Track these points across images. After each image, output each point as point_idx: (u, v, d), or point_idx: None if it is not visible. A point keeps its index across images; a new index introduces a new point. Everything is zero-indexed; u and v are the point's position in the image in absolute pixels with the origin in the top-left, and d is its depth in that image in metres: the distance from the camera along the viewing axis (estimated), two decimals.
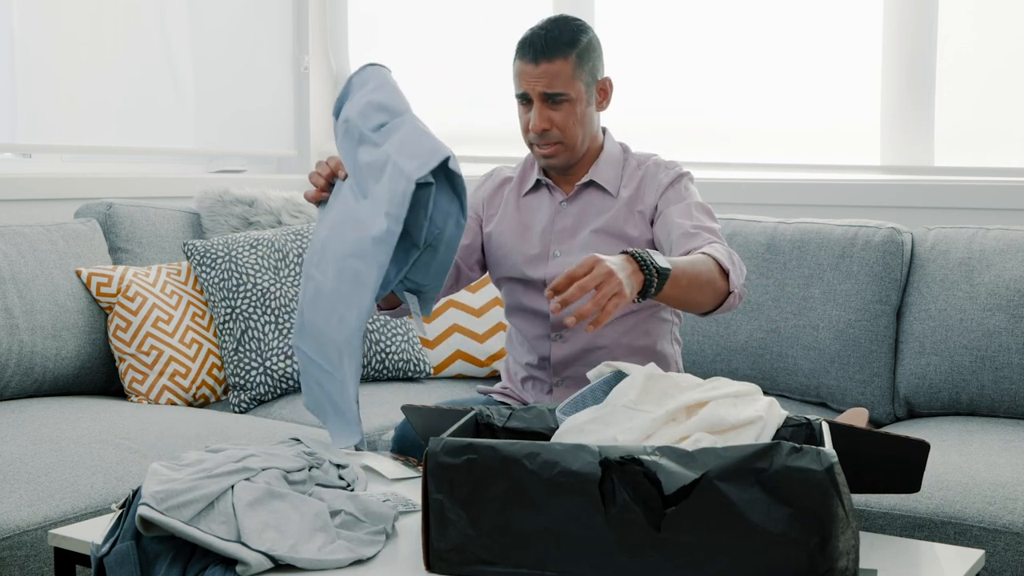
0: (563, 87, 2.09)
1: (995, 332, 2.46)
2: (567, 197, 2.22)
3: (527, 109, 2.13)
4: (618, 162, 2.22)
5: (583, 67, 2.11)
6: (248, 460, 1.54)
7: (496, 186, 2.31)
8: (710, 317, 2.67)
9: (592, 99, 2.15)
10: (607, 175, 2.20)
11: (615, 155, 2.23)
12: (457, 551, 1.40)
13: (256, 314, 2.73)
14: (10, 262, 2.61)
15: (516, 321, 2.28)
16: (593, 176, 2.19)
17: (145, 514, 1.39)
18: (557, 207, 2.22)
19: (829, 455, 1.28)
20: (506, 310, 2.31)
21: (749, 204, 3.15)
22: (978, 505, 1.91)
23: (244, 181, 3.61)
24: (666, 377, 1.56)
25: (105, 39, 3.37)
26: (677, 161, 2.22)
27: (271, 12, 3.92)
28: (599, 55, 2.17)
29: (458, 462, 1.38)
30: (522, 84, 2.12)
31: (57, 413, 2.39)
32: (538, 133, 2.12)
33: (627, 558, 1.33)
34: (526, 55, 2.10)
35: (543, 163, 2.19)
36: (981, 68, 2.94)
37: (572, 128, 2.12)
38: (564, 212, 2.21)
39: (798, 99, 3.19)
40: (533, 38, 2.10)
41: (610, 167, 2.20)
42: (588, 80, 2.13)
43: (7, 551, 1.81)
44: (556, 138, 2.13)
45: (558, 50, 2.08)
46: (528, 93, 2.11)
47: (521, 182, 2.28)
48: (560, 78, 2.09)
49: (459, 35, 3.74)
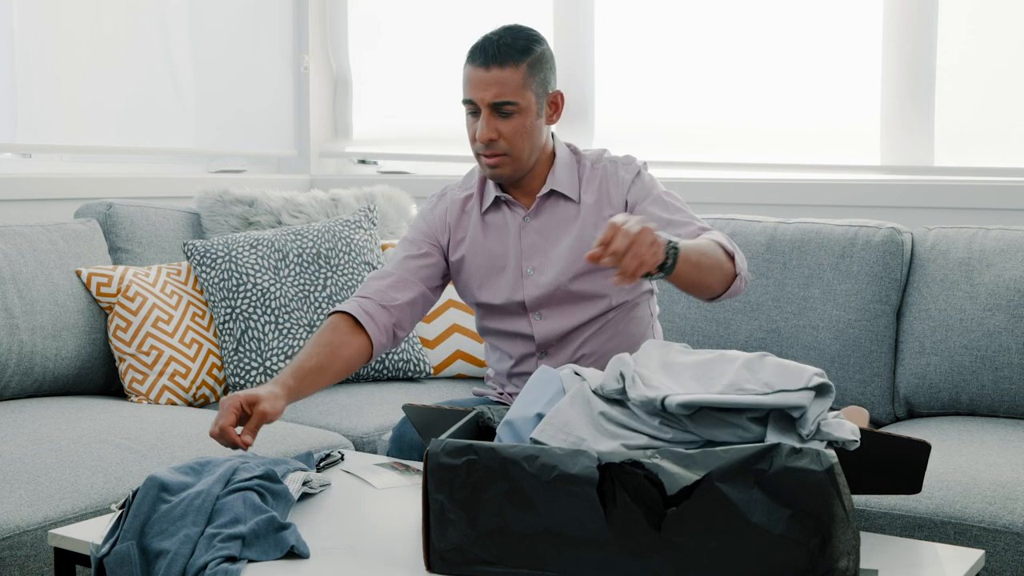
0: (512, 95, 2.05)
1: (995, 332, 2.46)
2: (529, 211, 2.17)
3: (475, 118, 2.09)
4: (572, 166, 2.18)
5: (534, 77, 2.07)
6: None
7: (459, 208, 2.23)
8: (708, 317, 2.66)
9: (542, 111, 2.11)
10: (565, 182, 2.16)
11: (568, 160, 2.18)
12: (457, 551, 1.40)
13: (256, 314, 2.73)
14: (10, 262, 2.61)
15: (496, 341, 2.25)
16: (552, 185, 2.15)
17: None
18: (521, 223, 2.18)
19: (829, 456, 1.28)
20: (481, 329, 2.27)
21: (749, 204, 3.15)
22: (978, 505, 1.91)
23: (244, 181, 3.61)
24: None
25: (105, 39, 3.38)
26: (631, 155, 2.19)
27: (271, 12, 3.92)
28: (551, 68, 2.12)
29: (458, 463, 1.38)
30: (470, 91, 2.08)
31: (57, 413, 2.39)
32: (484, 143, 2.08)
33: (628, 559, 1.33)
34: (476, 60, 2.06)
35: (488, 173, 2.14)
36: (981, 68, 2.94)
37: (519, 140, 2.08)
38: (529, 228, 2.17)
39: (798, 99, 3.19)
40: (485, 44, 2.07)
41: (566, 173, 2.17)
42: (539, 91, 2.09)
43: (7, 551, 1.81)
44: (502, 149, 2.08)
45: (510, 57, 2.04)
46: (476, 102, 2.07)
47: (480, 198, 2.22)
48: (509, 86, 2.05)
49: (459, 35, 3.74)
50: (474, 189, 2.23)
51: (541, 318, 2.17)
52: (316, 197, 3.17)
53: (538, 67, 2.08)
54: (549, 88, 2.12)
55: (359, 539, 1.57)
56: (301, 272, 2.82)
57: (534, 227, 2.17)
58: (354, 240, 2.93)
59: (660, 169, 3.24)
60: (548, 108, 2.12)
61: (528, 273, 2.16)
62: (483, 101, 2.06)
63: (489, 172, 2.13)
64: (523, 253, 2.17)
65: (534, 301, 2.16)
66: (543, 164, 2.17)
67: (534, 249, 2.17)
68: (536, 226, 2.17)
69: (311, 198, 3.16)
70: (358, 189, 3.23)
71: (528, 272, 2.16)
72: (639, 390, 1.48)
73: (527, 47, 2.07)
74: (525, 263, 2.16)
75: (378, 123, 4.04)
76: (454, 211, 2.23)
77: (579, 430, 1.49)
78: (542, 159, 2.16)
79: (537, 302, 2.16)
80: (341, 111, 4.10)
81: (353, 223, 2.97)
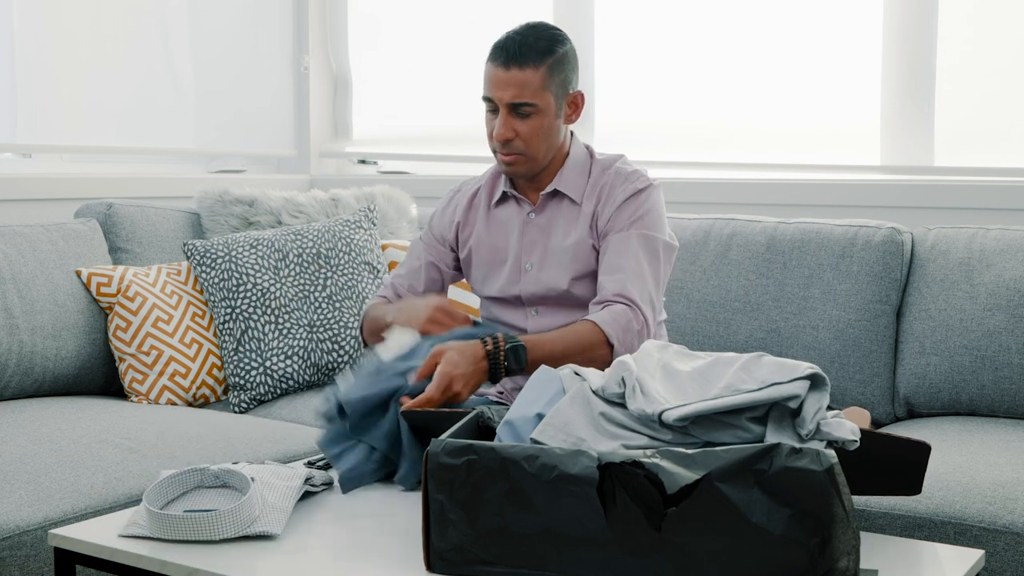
0: (532, 97, 2.05)
1: (995, 332, 2.46)
2: (534, 208, 2.19)
3: (493, 115, 2.10)
4: (583, 168, 2.18)
5: (554, 78, 2.07)
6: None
7: (468, 203, 2.27)
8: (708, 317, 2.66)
9: (561, 112, 2.11)
10: (571, 184, 2.16)
11: (581, 161, 2.19)
12: (457, 551, 1.40)
13: (256, 314, 2.73)
14: (10, 262, 2.61)
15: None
16: (557, 185, 2.16)
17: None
18: (525, 219, 2.19)
19: (829, 456, 1.28)
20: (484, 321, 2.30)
21: (749, 204, 3.15)
22: (978, 505, 1.91)
23: (244, 181, 3.61)
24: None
25: (105, 39, 3.38)
26: (641, 170, 2.18)
27: (271, 12, 3.92)
28: (573, 68, 2.12)
29: (458, 463, 1.38)
30: (490, 89, 2.08)
31: (57, 413, 2.39)
32: (501, 142, 2.09)
33: (628, 559, 1.33)
34: (498, 59, 2.06)
35: (504, 170, 2.16)
36: (981, 68, 2.94)
37: (536, 141, 2.09)
38: (532, 224, 2.19)
39: (798, 99, 3.19)
40: (507, 43, 2.06)
41: (575, 175, 2.17)
42: (558, 92, 2.09)
43: (7, 551, 1.81)
44: (519, 149, 2.09)
45: (531, 58, 2.04)
46: (495, 100, 2.08)
47: (491, 192, 2.24)
48: (529, 87, 2.05)
49: (459, 35, 3.74)
50: (484, 182, 2.26)
51: (537, 314, 2.18)
52: (316, 197, 3.17)
53: (559, 68, 2.08)
54: (570, 88, 2.12)
55: (359, 538, 1.57)
56: (301, 272, 2.82)
57: (537, 223, 2.18)
58: (354, 240, 2.93)
59: (660, 169, 3.25)
60: (567, 108, 2.13)
61: (527, 268, 2.17)
62: (502, 100, 2.07)
63: (505, 169, 2.16)
64: (524, 248, 2.18)
65: (531, 296, 2.17)
66: (556, 163, 2.18)
67: (534, 245, 2.18)
68: (539, 223, 2.18)
69: (311, 198, 3.16)
70: (358, 189, 3.23)
71: (527, 267, 2.17)
72: (638, 402, 1.48)
73: (549, 48, 2.07)
74: (524, 258, 2.18)
75: (378, 123, 4.04)
76: (462, 208, 2.27)
77: (579, 430, 1.49)
78: (557, 158, 2.17)
79: (533, 298, 2.18)
80: (341, 111, 4.10)
81: (353, 223, 2.98)
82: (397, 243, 3.09)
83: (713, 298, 2.72)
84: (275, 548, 1.53)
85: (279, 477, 1.68)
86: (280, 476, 1.69)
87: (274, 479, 1.66)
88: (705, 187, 3.24)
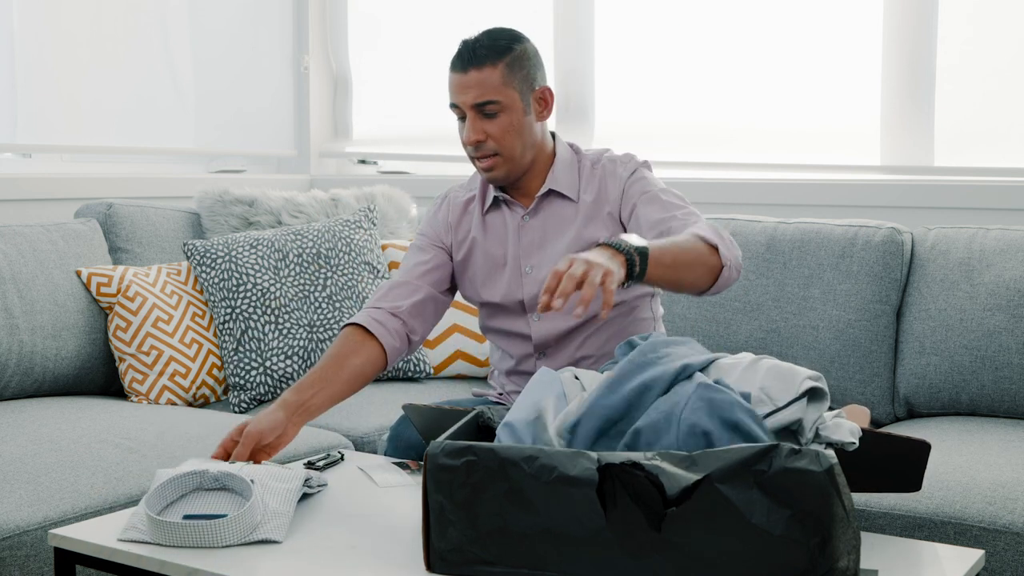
0: (494, 94, 2.05)
1: (995, 332, 2.46)
2: (528, 210, 2.18)
3: (463, 122, 2.09)
4: (572, 165, 2.18)
5: (515, 75, 2.06)
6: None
7: (460, 210, 2.24)
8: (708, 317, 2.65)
9: (529, 108, 2.10)
10: (565, 181, 2.16)
11: (568, 159, 2.18)
12: (457, 551, 1.40)
13: (256, 314, 2.73)
14: (10, 262, 2.61)
15: (497, 340, 2.26)
16: (551, 185, 2.15)
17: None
18: (520, 222, 2.18)
19: (828, 456, 1.28)
20: (483, 328, 2.28)
21: (749, 204, 3.15)
22: (978, 505, 1.91)
23: (244, 181, 3.61)
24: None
25: (105, 39, 3.38)
26: (631, 153, 2.19)
27: (271, 12, 3.92)
28: (536, 64, 2.11)
29: (458, 464, 1.38)
30: (453, 95, 2.08)
31: (57, 413, 2.39)
32: (473, 145, 2.08)
33: (628, 559, 1.33)
34: (456, 66, 2.07)
35: (485, 177, 2.14)
36: (981, 68, 2.94)
37: (508, 139, 2.08)
38: (528, 226, 2.17)
39: (798, 99, 3.19)
40: (462, 48, 2.08)
41: (566, 172, 2.17)
42: (522, 88, 2.08)
43: (7, 551, 1.81)
44: (492, 149, 2.08)
45: (487, 58, 2.05)
46: (459, 105, 2.07)
47: (482, 199, 2.23)
48: (489, 85, 2.04)
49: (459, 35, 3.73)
50: (476, 191, 2.24)
51: (539, 319, 2.17)
52: (316, 197, 3.17)
53: (518, 65, 2.07)
54: (535, 84, 2.11)
55: (359, 539, 1.57)
56: (301, 272, 2.82)
57: (533, 226, 2.17)
58: (354, 240, 2.93)
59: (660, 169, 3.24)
60: (536, 104, 2.11)
61: (527, 271, 2.16)
62: (465, 104, 2.06)
63: (485, 175, 2.14)
64: (522, 252, 2.17)
65: (532, 299, 2.17)
66: (543, 164, 2.16)
67: (532, 248, 2.17)
68: (534, 225, 2.17)
69: (311, 198, 3.16)
70: (358, 189, 3.23)
71: (527, 270, 2.16)
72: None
73: (506, 46, 2.07)
74: (524, 261, 2.17)
75: (378, 123, 4.04)
76: (455, 212, 2.25)
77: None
78: (542, 159, 2.16)
79: (535, 301, 2.17)
80: (341, 111, 4.10)
81: (353, 223, 2.98)
82: (397, 243, 3.09)
83: (713, 298, 2.72)
84: (275, 549, 1.53)
85: (278, 479, 1.68)
86: (279, 478, 1.68)
87: (273, 482, 1.66)
88: (705, 187, 3.24)
